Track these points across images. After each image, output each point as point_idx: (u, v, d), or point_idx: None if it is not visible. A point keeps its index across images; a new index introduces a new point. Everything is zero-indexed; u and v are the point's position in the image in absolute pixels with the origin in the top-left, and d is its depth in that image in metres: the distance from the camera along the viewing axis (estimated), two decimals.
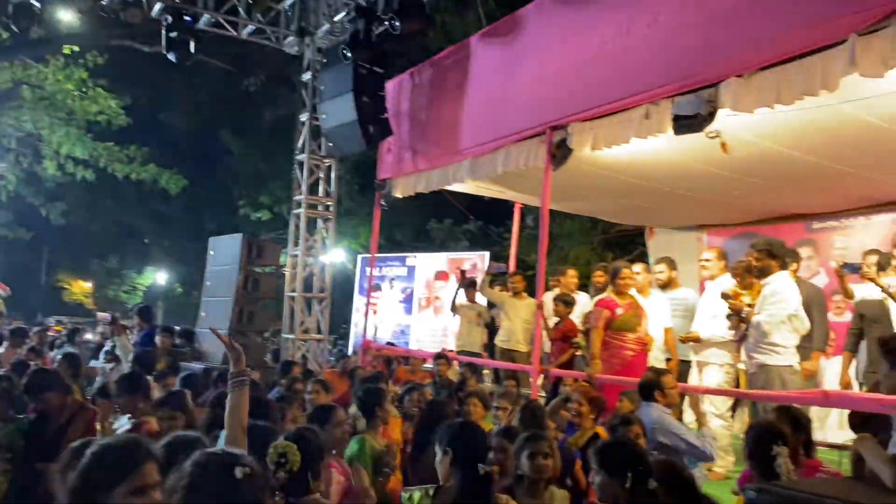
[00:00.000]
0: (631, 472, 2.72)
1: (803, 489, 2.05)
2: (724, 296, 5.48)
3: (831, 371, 5.99)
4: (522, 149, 6.12)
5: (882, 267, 5.33)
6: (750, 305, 5.32)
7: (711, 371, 5.96)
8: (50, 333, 12.34)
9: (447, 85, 7.21)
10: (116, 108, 16.08)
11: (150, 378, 4.87)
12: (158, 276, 31.82)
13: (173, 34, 8.22)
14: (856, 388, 5.56)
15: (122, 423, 4.19)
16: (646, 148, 5.36)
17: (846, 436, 5.01)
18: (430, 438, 3.92)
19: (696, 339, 6.07)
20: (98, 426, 4.31)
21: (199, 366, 6.92)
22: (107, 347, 8.00)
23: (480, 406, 4.85)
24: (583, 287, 8.42)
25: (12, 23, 8.48)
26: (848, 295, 5.42)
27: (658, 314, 6.37)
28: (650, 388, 4.37)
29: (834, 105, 4.22)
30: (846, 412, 4.85)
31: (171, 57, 8.35)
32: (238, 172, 19.87)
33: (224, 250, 7.79)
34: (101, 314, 12.15)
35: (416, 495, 2.79)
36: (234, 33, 9.31)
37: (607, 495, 2.80)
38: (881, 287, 5.04)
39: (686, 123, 4.53)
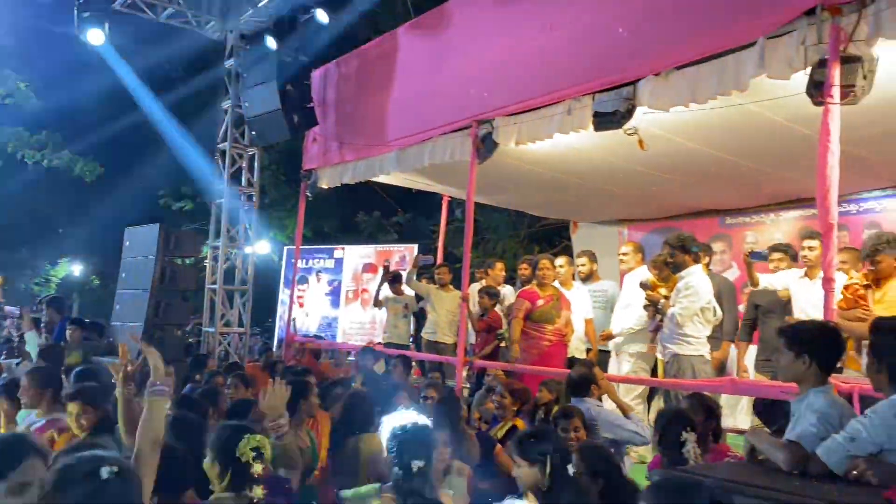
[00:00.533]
0: (550, 460, 2.78)
1: (705, 473, 2.13)
2: (644, 285, 5.65)
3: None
4: (449, 141, 6.15)
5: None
6: (666, 297, 5.50)
7: (623, 361, 6.19)
8: None
9: (374, 76, 7.16)
10: (25, 90, 15.26)
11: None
12: (74, 268, 30.43)
13: (86, 14, 7.85)
14: (752, 377, 5.82)
15: (31, 420, 3.99)
16: (569, 143, 5.46)
17: (754, 422, 5.27)
18: (349, 432, 3.91)
19: (610, 337, 6.29)
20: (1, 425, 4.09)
21: (115, 360, 6.64)
22: (15, 343, 7.60)
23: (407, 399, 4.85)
24: (510, 280, 8.53)
25: None
26: (754, 283, 5.63)
27: (579, 305, 6.52)
28: (585, 382, 4.31)
29: (745, 105, 4.40)
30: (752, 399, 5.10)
31: (84, 38, 7.97)
32: (157, 160, 19.13)
33: (140, 241, 7.49)
34: (8, 308, 11.53)
35: (364, 490, 2.77)
36: (152, 16, 8.95)
37: (529, 485, 2.85)
38: None
39: (606, 120, 4.65)
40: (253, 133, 8.08)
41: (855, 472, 1.98)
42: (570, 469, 2.81)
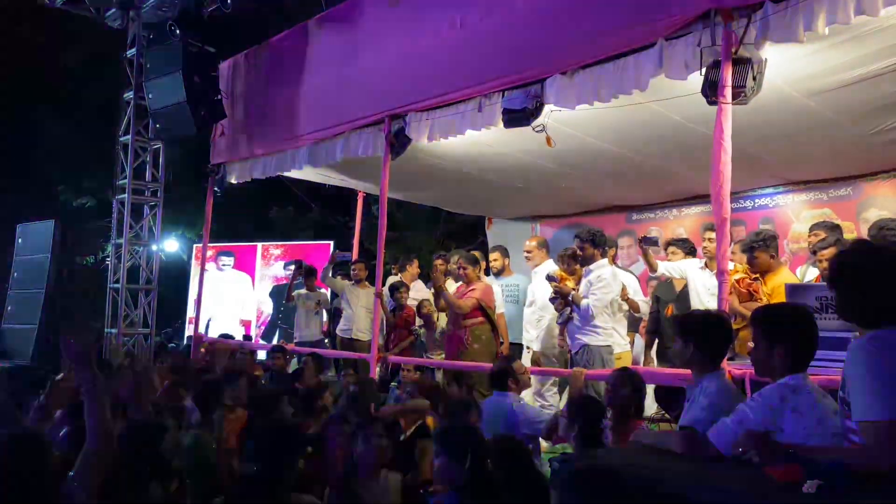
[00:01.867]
0: (471, 454, 2.83)
1: (601, 458, 2.20)
2: (550, 278, 5.77)
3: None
4: (362, 137, 6.10)
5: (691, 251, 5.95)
6: (574, 289, 5.64)
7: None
8: None
9: (284, 68, 7.01)
10: None
11: None
12: None
13: None
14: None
15: None
16: (481, 140, 5.52)
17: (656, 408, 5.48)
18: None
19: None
20: None
21: (4, 364, 6.27)
22: None
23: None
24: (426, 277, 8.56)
25: None
26: (652, 268, 5.79)
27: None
28: (503, 376, 4.30)
29: (646, 104, 4.56)
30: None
31: None
32: (56, 154, 18.07)
33: (34, 238, 7.08)
34: None
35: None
36: (45, 0, 8.44)
37: (446, 478, 2.88)
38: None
39: (515, 117, 4.72)
40: (157, 126, 7.77)
41: (740, 450, 2.09)
42: (489, 463, 2.84)
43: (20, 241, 7.37)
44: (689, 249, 6.06)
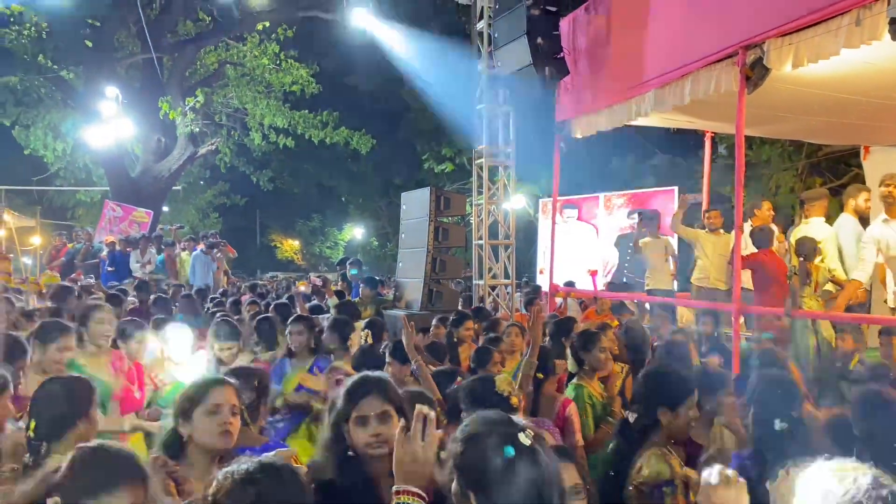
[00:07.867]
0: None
1: None
2: None
3: None
4: (712, 73, 5.74)
5: None
6: None
7: None
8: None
9: (625, 14, 6.89)
10: (307, 76, 17.25)
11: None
12: (356, 232, 34.11)
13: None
14: None
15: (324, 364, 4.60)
16: (857, 58, 4.80)
17: None
18: None
19: None
20: None
21: (401, 312, 7.39)
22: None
23: None
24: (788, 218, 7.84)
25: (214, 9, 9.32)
26: None
27: None
28: None
29: None
30: None
31: (352, 22, 8.76)
32: (419, 127, 20.46)
33: (415, 204, 8.17)
34: (313, 277, 13.28)
35: None
36: None
37: None
38: None
39: None
40: (507, 91, 8.27)
41: None
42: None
43: (404, 206, 8.57)
44: None
